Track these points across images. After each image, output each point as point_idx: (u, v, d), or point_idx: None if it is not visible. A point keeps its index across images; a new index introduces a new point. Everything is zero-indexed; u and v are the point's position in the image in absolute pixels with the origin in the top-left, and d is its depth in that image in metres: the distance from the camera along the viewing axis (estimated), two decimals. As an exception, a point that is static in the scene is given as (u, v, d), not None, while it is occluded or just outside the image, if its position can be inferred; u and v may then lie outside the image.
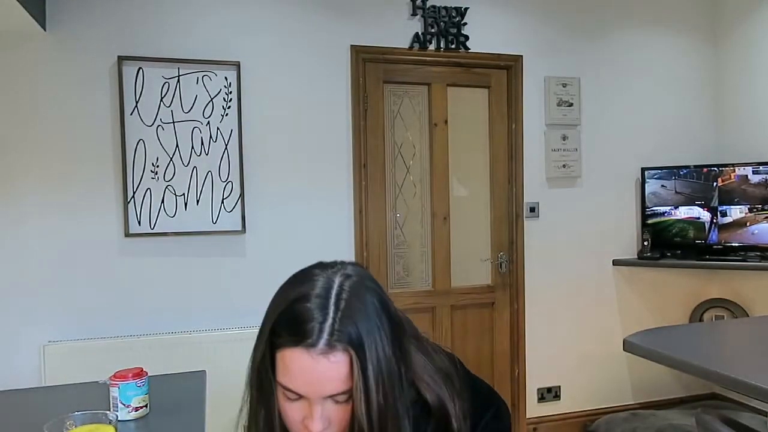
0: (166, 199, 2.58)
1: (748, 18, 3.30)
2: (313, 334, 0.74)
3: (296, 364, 0.75)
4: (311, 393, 0.76)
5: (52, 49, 2.47)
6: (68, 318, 2.49)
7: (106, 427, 0.86)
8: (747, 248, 3.03)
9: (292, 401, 0.78)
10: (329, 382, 0.75)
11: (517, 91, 3.13)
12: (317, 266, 0.84)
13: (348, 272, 0.81)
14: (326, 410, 0.77)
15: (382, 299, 0.81)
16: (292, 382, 0.76)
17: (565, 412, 3.26)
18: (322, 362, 0.74)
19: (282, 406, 0.79)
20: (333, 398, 0.77)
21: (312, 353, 0.74)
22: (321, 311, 0.75)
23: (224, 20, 2.68)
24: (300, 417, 0.78)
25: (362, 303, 0.78)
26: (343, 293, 0.77)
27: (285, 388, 0.77)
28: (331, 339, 0.74)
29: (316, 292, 0.77)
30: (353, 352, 0.75)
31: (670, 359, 1.57)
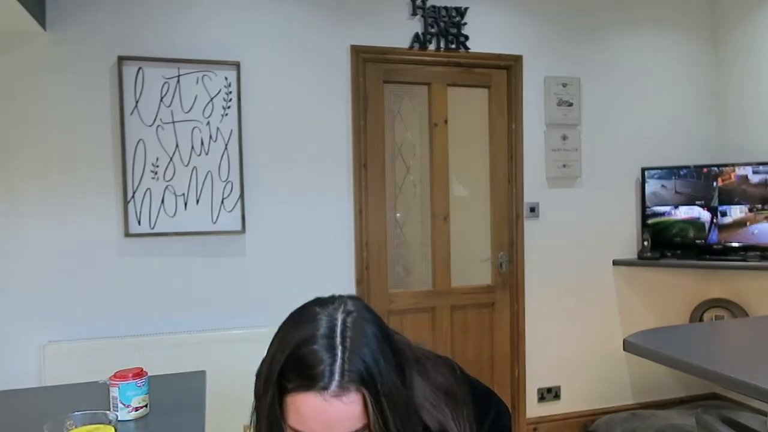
0: (166, 199, 2.58)
1: (748, 18, 3.30)
2: (324, 377, 0.74)
3: (309, 408, 0.74)
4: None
5: (52, 49, 2.47)
6: (68, 318, 2.49)
7: (106, 427, 0.86)
8: (747, 248, 3.03)
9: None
10: (344, 421, 0.74)
11: (517, 91, 3.13)
12: (316, 303, 0.83)
13: (349, 308, 0.81)
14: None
15: (382, 329, 0.82)
16: (306, 425, 0.75)
17: (565, 412, 3.26)
18: (335, 404, 0.74)
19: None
20: None
21: (325, 396, 0.74)
22: (329, 353, 0.75)
23: (224, 20, 2.68)
24: None
25: (366, 337, 0.78)
26: (347, 330, 0.77)
27: (295, 430, 0.76)
28: (343, 381, 0.74)
29: (321, 333, 0.77)
30: (365, 391, 0.75)
31: (670, 359, 1.57)
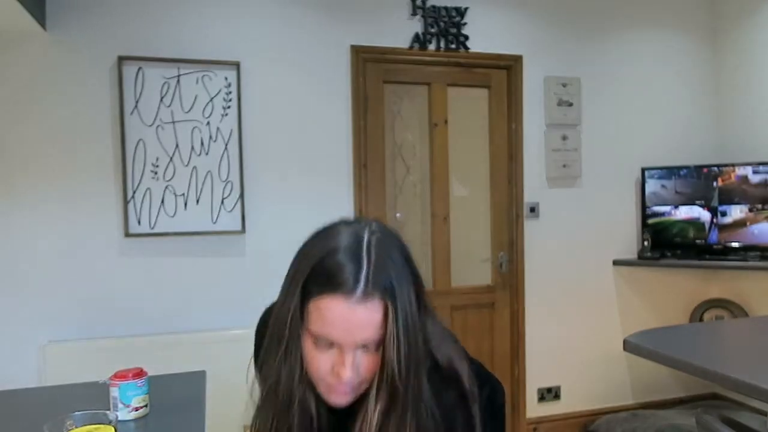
0: (166, 199, 2.58)
1: (748, 18, 3.30)
2: (350, 282, 0.76)
3: (334, 312, 0.76)
4: (346, 340, 0.78)
5: (52, 49, 2.47)
6: (68, 318, 2.49)
7: (106, 427, 0.86)
8: (747, 248, 3.03)
9: (322, 351, 0.80)
10: (365, 329, 0.77)
11: (517, 91, 3.13)
12: (341, 222, 0.86)
13: (374, 228, 0.84)
14: (356, 359, 0.79)
15: (406, 254, 0.84)
16: (328, 329, 0.77)
17: (565, 412, 3.26)
18: (359, 310, 0.76)
19: (310, 356, 0.81)
20: (364, 347, 0.79)
21: (350, 301, 0.76)
22: (355, 262, 0.78)
23: (224, 20, 2.68)
24: (329, 366, 0.80)
25: (390, 256, 0.81)
26: (372, 246, 0.80)
27: (318, 336, 0.79)
28: (368, 288, 0.76)
29: (346, 245, 0.80)
30: (388, 301, 0.78)
31: (670, 359, 1.57)
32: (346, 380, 0.79)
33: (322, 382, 0.82)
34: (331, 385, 0.82)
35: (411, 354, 0.80)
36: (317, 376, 0.82)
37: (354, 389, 0.82)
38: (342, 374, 0.79)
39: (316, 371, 0.82)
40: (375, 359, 0.81)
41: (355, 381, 0.81)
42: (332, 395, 0.83)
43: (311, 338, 0.80)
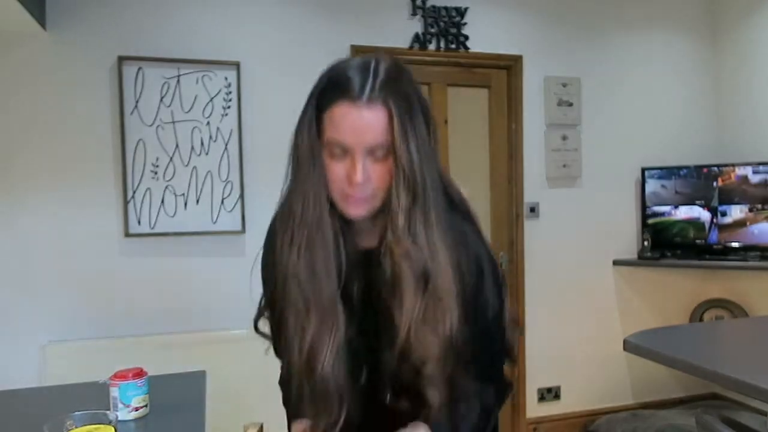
0: (166, 199, 2.58)
1: (748, 18, 3.30)
2: (356, 90, 0.84)
3: (343, 116, 0.84)
4: (355, 141, 0.85)
5: (52, 49, 2.47)
6: (68, 318, 2.49)
7: (106, 427, 0.86)
8: (747, 248, 3.03)
9: (337, 161, 0.87)
10: (371, 130, 0.84)
11: (517, 91, 3.13)
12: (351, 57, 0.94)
13: (386, 57, 0.91)
14: (367, 166, 0.86)
15: (414, 83, 0.91)
16: (339, 133, 0.85)
17: (565, 412, 3.26)
18: (365, 112, 0.84)
19: (328, 167, 0.88)
20: (373, 155, 0.86)
21: (357, 105, 0.84)
22: (362, 75, 0.86)
23: (224, 20, 2.68)
24: (343, 174, 0.87)
25: (399, 77, 0.88)
26: (380, 65, 0.88)
27: (332, 144, 0.86)
28: (372, 94, 0.84)
29: (357, 63, 0.89)
30: (393, 107, 0.84)
31: (670, 359, 1.57)
32: (357, 183, 0.85)
33: (340, 194, 0.89)
34: (347, 195, 0.88)
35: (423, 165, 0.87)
36: (334, 187, 0.89)
37: (368, 200, 0.89)
38: (353, 177, 0.85)
39: (333, 182, 0.88)
40: (385, 168, 0.87)
41: (368, 189, 0.87)
42: (349, 206, 0.89)
43: (327, 151, 0.88)
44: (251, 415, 1.62)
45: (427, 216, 0.90)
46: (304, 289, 0.91)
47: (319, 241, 0.91)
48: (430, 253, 0.89)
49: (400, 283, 0.89)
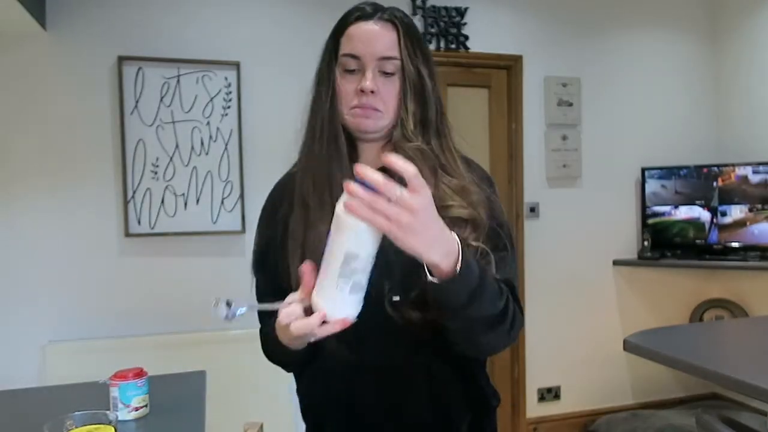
0: (166, 199, 2.58)
1: (748, 18, 3.30)
2: (369, 11, 0.97)
3: (355, 31, 0.96)
4: (366, 50, 0.94)
5: (52, 49, 2.47)
6: (68, 318, 2.49)
7: (106, 427, 0.86)
8: (747, 248, 3.03)
9: (348, 75, 0.97)
10: (381, 40, 0.95)
11: (517, 91, 3.13)
12: None
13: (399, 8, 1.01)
14: (375, 79, 0.95)
15: (424, 42, 1.01)
16: (352, 43, 0.96)
17: (565, 412, 3.26)
18: (376, 25, 0.96)
19: (340, 85, 0.97)
20: (383, 70, 0.95)
21: (368, 21, 0.96)
22: (375, 6, 0.98)
23: (224, 20, 2.68)
24: (354, 87, 0.96)
25: (407, 17, 0.99)
26: (391, 7, 0.99)
27: (345, 58, 0.96)
28: (383, 15, 0.97)
29: (369, 2, 1.00)
30: (401, 27, 0.96)
31: (670, 359, 1.57)
32: (366, 89, 0.93)
33: (349, 108, 0.97)
34: (357, 110, 0.96)
35: (432, 86, 0.98)
36: (345, 102, 0.97)
37: (376, 113, 0.96)
38: (363, 85, 0.94)
39: (344, 97, 0.97)
40: (394, 87, 0.96)
41: (377, 102, 0.95)
42: (357, 117, 0.96)
43: (341, 69, 0.97)
44: (251, 415, 1.62)
45: (440, 129, 1.01)
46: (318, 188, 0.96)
47: (335, 153, 0.97)
48: (443, 155, 0.99)
49: None
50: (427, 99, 0.99)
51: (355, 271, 0.75)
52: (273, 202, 1.08)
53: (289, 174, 1.10)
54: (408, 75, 0.96)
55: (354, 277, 0.75)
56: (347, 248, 0.74)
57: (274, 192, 1.11)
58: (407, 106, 0.97)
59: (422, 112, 0.99)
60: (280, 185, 1.11)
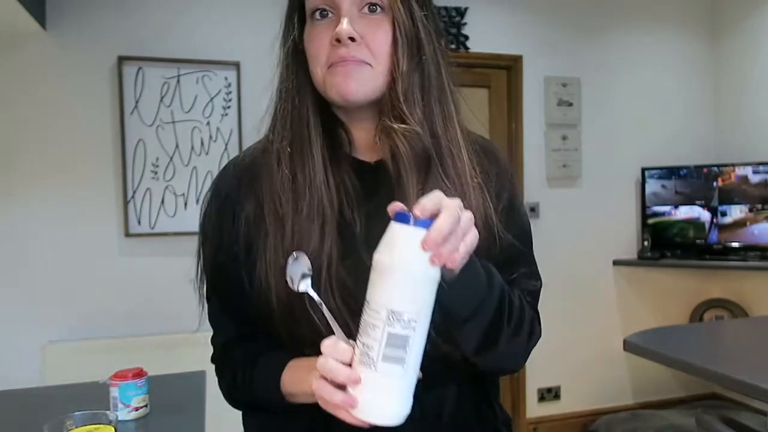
0: (166, 199, 2.58)
1: (748, 17, 3.30)
2: None
3: None
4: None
5: (52, 49, 2.47)
6: (68, 318, 2.49)
7: (106, 427, 0.86)
8: (747, 248, 3.03)
9: (319, 24, 0.73)
10: None
11: (517, 91, 3.13)
12: None
13: None
14: (355, 22, 0.71)
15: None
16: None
17: (565, 412, 3.26)
18: None
19: (309, 37, 0.75)
20: (365, 8, 0.72)
21: None
22: None
23: (224, 20, 2.68)
24: (328, 38, 0.72)
25: None
26: None
27: (311, 7, 0.74)
28: None
29: None
30: None
31: (670, 359, 1.57)
32: (342, 35, 0.69)
33: (324, 68, 0.73)
34: (337, 68, 0.71)
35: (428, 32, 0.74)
36: (318, 60, 0.73)
37: (362, 68, 0.71)
38: (339, 30, 0.69)
39: (316, 51, 0.73)
40: (384, 30, 0.72)
41: (360, 51, 0.71)
42: (337, 77, 0.72)
43: (309, 24, 0.75)
44: (251, 415, 1.61)
45: (442, 97, 0.76)
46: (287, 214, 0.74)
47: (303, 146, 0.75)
48: (445, 136, 0.74)
49: (400, 174, 0.73)
50: (423, 47, 0.73)
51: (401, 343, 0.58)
52: (227, 196, 0.81)
53: (248, 155, 0.83)
54: (397, 15, 0.71)
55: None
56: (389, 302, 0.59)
57: (226, 181, 0.82)
58: (398, 60, 0.72)
59: (419, 69, 0.74)
60: (236, 170, 0.83)
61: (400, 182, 0.73)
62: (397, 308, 0.58)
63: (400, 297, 0.58)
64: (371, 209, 0.76)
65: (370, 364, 0.59)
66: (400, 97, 0.72)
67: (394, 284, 0.58)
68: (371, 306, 0.59)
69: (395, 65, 0.72)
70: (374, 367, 0.58)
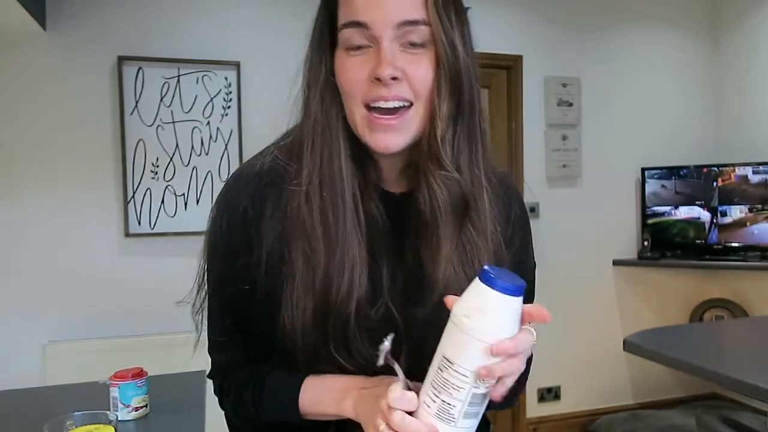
0: (166, 199, 2.58)
1: (748, 18, 3.30)
2: None
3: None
4: (378, 16, 0.64)
5: (52, 49, 2.47)
6: (68, 318, 2.49)
7: (106, 427, 0.86)
8: (747, 248, 3.03)
9: (355, 55, 0.67)
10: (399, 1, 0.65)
11: (517, 91, 3.13)
12: None
13: None
14: (397, 58, 0.66)
15: None
16: (354, 7, 0.66)
17: (565, 412, 3.26)
18: None
19: (343, 68, 0.68)
20: (405, 41, 0.66)
21: None
22: None
23: (224, 20, 2.68)
24: (366, 73, 0.66)
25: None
26: None
27: (347, 29, 0.67)
28: None
29: None
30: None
31: (670, 359, 1.57)
32: (384, 74, 0.64)
33: (361, 112, 0.68)
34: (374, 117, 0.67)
35: (469, 63, 0.69)
36: (352, 97, 0.68)
37: (404, 117, 0.67)
38: (378, 69, 0.64)
39: (350, 90, 0.68)
40: (422, 63, 0.67)
41: (402, 89, 0.66)
42: (376, 130, 0.67)
43: (343, 48, 0.69)
44: (251, 415, 1.61)
45: (472, 135, 0.71)
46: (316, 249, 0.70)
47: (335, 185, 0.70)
48: (471, 181, 0.71)
49: (436, 219, 0.70)
50: (463, 86, 0.69)
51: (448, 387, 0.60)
52: (245, 212, 0.77)
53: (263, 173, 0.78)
54: (440, 52, 0.66)
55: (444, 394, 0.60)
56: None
57: (240, 198, 0.78)
58: (439, 100, 0.67)
59: (457, 106, 0.69)
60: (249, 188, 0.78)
61: (435, 227, 0.71)
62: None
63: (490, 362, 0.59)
64: (398, 246, 0.75)
65: (451, 421, 0.60)
66: (438, 140, 0.69)
67: (485, 351, 0.58)
68: (456, 368, 0.59)
69: (436, 106, 0.68)
70: (455, 424, 0.61)
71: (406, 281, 0.75)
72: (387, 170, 0.76)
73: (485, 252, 0.73)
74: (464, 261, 0.72)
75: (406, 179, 0.77)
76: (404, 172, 0.76)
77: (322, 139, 0.71)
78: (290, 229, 0.72)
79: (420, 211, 0.72)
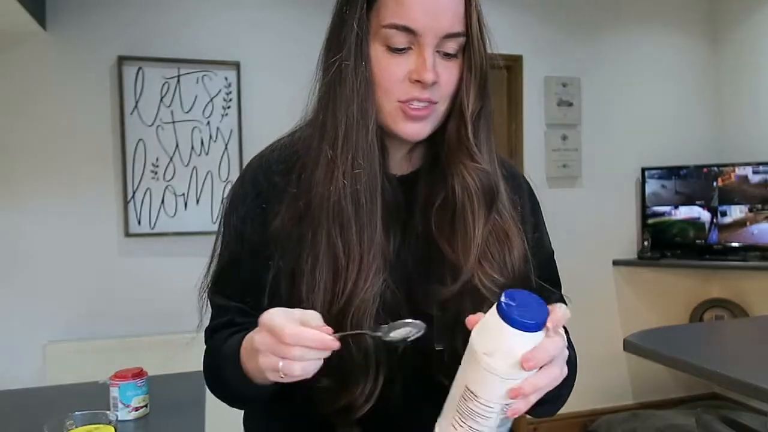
0: (166, 199, 2.58)
1: (748, 17, 3.30)
2: None
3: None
4: (428, 24, 0.69)
5: (52, 49, 2.47)
6: (68, 318, 2.49)
7: (106, 427, 0.86)
8: (747, 248, 3.03)
9: (396, 55, 0.71)
10: (449, 12, 0.71)
11: (517, 91, 3.13)
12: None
13: None
14: (436, 64, 0.71)
15: None
16: (406, 13, 0.69)
17: (565, 412, 3.25)
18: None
19: (381, 65, 0.71)
20: (444, 50, 0.72)
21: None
22: None
23: (224, 20, 2.68)
24: (404, 72, 0.71)
25: None
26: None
27: (393, 29, 0.69)
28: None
29: None
30: None
31: (670, 359, 1.57)
32: (427, 81, 0.69)
33: (395, 104, 0.72)
34: (410, 109, 0.71)
35: (488, 66, 0.78)
36: (388, 95, 0.71)
37: (432, 112, 0.73)
38: (423, 74, 0.69)
39: (387, 87, 0.71)
40: (454, 70, 0.74)
41: (436, 94, 0.72)
42: (408, 121, 0.72)
43: (380, 43, 0.71)
44: (251, 415, 1.61)
45: (489, 130, 0.81)
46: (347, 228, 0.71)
47: (367, 168, 0.71)
48: (491, 166, 0.78)
49: (466, 207, 0.74)
50: (488, 88, 0.80)
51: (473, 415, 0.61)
52: (258, 193, 0.80)
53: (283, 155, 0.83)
54: (475, 57, 0.76)
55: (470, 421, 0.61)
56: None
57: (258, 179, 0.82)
58: (469, 99, 0.76)
59: (483, 106, 0.80)
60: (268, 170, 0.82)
61: (467, 215, 0.75)
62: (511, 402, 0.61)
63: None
64: (402, 226, 0.78)
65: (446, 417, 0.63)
66: (470, 137, 0.76)
67: (508, 385, 0.59)
68: (481, 401, 0.60)
69: (465, 105, 0.75)
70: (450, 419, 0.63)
71: (412, 259, 0.78)
72: (392, 152, 0.80)
73: (514, 235, 0.77)
74: (494, 245, 0.76)
75: (409, 162, 0.82)
76: (406, 157, 0.82)
77: (360, 122, 0.72)
78: (317, 207, 0.73)
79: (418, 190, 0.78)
